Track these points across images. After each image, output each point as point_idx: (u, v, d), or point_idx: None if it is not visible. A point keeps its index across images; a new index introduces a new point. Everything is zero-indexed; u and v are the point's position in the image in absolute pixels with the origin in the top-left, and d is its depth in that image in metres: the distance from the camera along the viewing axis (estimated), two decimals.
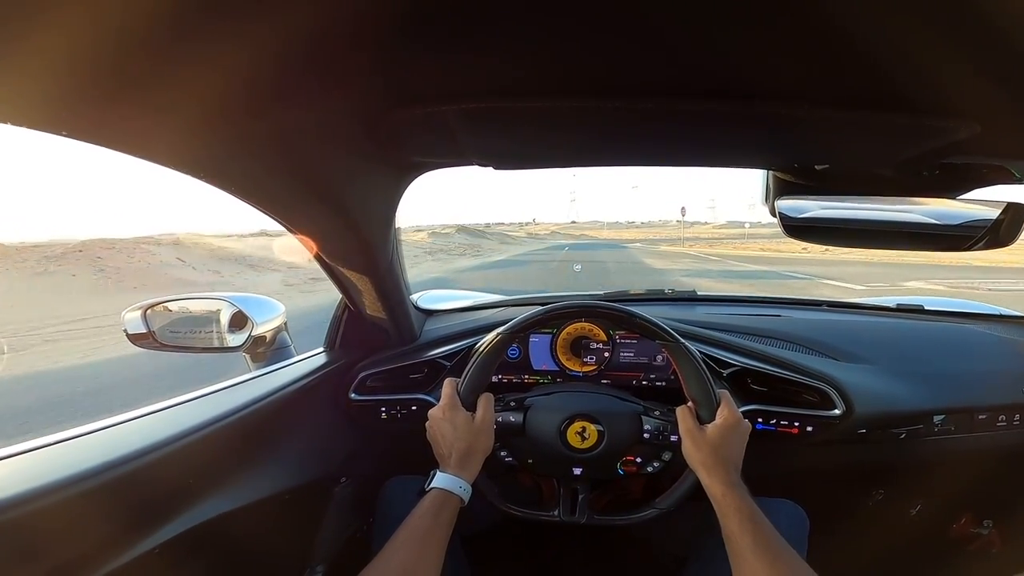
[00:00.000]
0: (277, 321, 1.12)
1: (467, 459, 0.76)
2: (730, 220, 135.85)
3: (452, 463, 0.75)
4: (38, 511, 0.49)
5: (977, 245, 0.74)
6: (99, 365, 5.27)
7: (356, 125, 0.51)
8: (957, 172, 0.69)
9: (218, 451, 0.74)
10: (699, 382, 0.78)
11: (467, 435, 0.76)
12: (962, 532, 1.28)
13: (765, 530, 0.66)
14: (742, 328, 1.16)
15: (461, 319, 1.23)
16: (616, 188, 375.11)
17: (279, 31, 0.35)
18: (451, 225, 48.11)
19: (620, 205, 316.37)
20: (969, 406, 1.03)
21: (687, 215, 72.72)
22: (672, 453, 0.84)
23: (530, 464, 0.88)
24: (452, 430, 0.76)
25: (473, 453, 0.77)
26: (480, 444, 0.78)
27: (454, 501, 0.72)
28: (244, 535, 0.81)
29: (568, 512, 0.85)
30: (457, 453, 0.75)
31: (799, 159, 0.68)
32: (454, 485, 0.72)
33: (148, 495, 0.63)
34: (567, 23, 0.34)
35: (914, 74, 0.42)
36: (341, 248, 0.75)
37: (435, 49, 0.38)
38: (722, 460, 0.73)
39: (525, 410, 0.88)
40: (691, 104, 0.46)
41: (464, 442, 0.76)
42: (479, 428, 0.78)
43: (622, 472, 0.86)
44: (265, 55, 0.37)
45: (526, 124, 0.51)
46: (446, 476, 0.73)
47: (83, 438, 0.63)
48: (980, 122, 0.48)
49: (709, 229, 78.96)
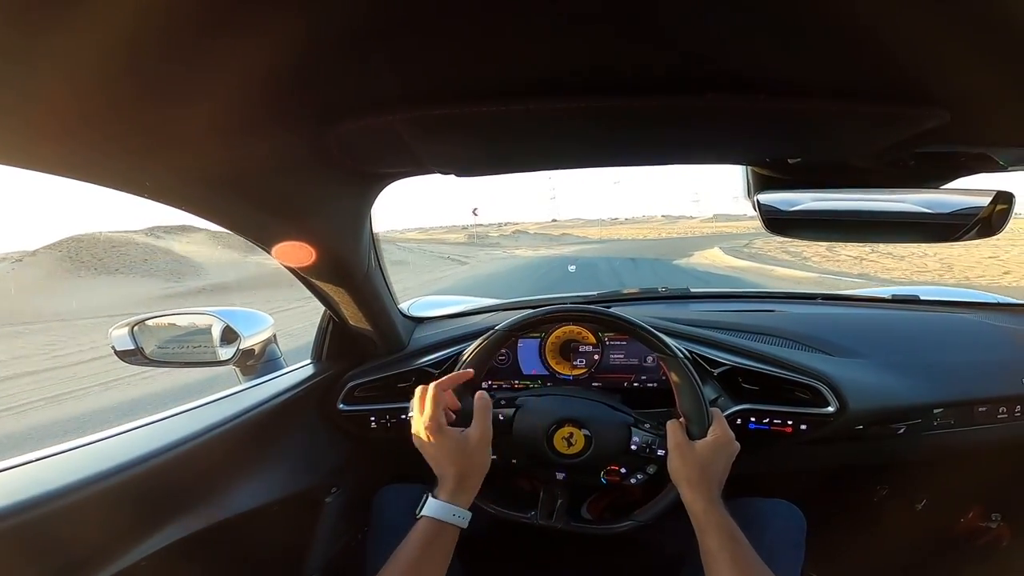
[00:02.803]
0: (266, 334, 1.12)
1: (462, 483, 0.68)
2: (717, 213, 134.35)
3: (446, 489, 0.67)
4: (25, 523, 0.50)
5: (968, 234, 0.72)
6: None
7: (308, 143, 0.50)
8: (936, 161, 0.67)
9: (207, 463, 0.75)
10: (694, 399, 0.78)
11: (459, 458, 0.69)
12: (970, 527, 1.26)
13: (744, 549, 0.65)
14: (734, 325, 1.14)
15: (450, 325, 1.23)
16: (596, 184, 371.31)
17: (225, 59, 0.34)
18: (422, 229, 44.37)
19: (602, 202, 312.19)
20: (969, 398, 1.00)
21: (672, 210, 71.91)
22: (657, 467, 0.82)
23: (513, 464, 0.87)
24: (444, 454, 0.69)
25: (468, 476, 0.69)
26: (476, 464, 0.71)
27: (449, 531, 0.66)
28: (235, 546, 0.82)
29: (545, 516, 0.84)
30: (451, 479, 0.68)
31: (769, 153, 0.67)
32: (447, 514, 0.65)
33: (138, 506, 0.63)
34: (516, 22, 0.34)
35: (878, 62, 0.41)
36: (314, 262, 0.75)
37: (379, 58, 0.38)
38: (707, 477, 0.72)
39: (516, 408, 0.87)
40: (650, 101, 0.45)
41: (456, 467, 0.68)
42: (474, 448, 0.69)
43: (605, 481, 0.85)
44: (214, 84, 0.37)
45: (482, 129, 0.50)
46: (439, 504, 0.66)
47: (66, 453, 0.63)
48: (949, 109, 0.47)
49: (696, 224, 77.56)
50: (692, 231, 47.61)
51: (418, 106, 0.44)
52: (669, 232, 48.07)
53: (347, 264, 0.79)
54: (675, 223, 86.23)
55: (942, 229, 0.72)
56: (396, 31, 0.34)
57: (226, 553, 0.80)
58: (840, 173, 0.74)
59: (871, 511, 1.29)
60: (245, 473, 0.82)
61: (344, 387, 1.04)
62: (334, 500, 1.03)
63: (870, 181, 0.73)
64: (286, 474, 0.91)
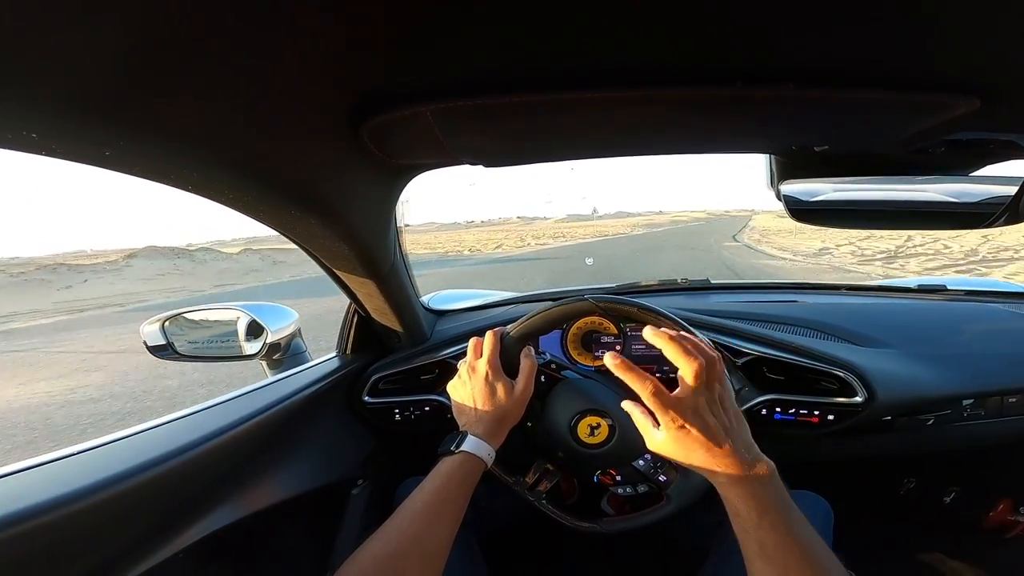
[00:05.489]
0: (291, 328, 1.14)
1: (499, 427, 0.72)
2: (569, 213, 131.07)
3: (482, 428, 0.70)
4: (60, 519, 0.51)
5: (997, 222, 0.71)
6: None
7: (339, 136, 0.51)
8: (965, 149, 0.66)
9: (235, 457, 0.76)
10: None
11: (505, 403, 0.72)
12: (999, 520, 1.24)
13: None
14: (757, 316, 1.13)
15: (471, 318, 1.24)
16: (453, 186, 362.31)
17: (259, 52, 0.35)
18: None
19: (459, 204, 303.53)
20: (999, 389, 0.99)
21: (528, 211, 70.64)
22: (649, 486, 0.82)
23: (528, 426, 0.86)
24: (490, 395, 0.72)
25: (505, 422, 0.73)
26: (513, 415, 0.74)
27: (479, 467, 0.68)
28: (264, 539, 0.83)
29: (527, 488, 0.84)
30: (491, 419, 0.71)
31: (795, 142, 0.67)
32: (483, 451, 0.68)
33: (168, 502, 0.64)
34: (545, 10, 0.34)
35: (906, 48, 0.40)
36: (341, 255, 0.76)
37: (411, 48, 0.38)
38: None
39: (558, 381, 0.87)
40: (676, 89, 0.45)
41: (501, 410, 0.72)
42: (517, 400, 0.74)
43: (596, 480, 0.86)
44: (247, 78, 0.38)
45: (513, 120, 0.50)
46: (476, 440, 0.68)
47: (101, 448, 0.64)
48: (979, 96, 0.46)
49: (551, 225, 74.37)
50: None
51: (450, 96, 0.44)
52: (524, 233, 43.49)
53: (374, 257, 0.80)
54: (530, 224, 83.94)
55: (970, 217, 0.71)
56: (429, 20, 0.35)
57: (255, 547, 0.81)
58: (864, 161, 0.73)
59: (898, 503, 1.28)
60: (274, 466, 0.84)
61: (369, 379, 1.05)
62: (360, 492, 1.05)
63: (896, 170, 0.73)
64: (314, 467, 0.93)
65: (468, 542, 0.91)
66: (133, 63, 0.33)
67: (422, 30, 0.35)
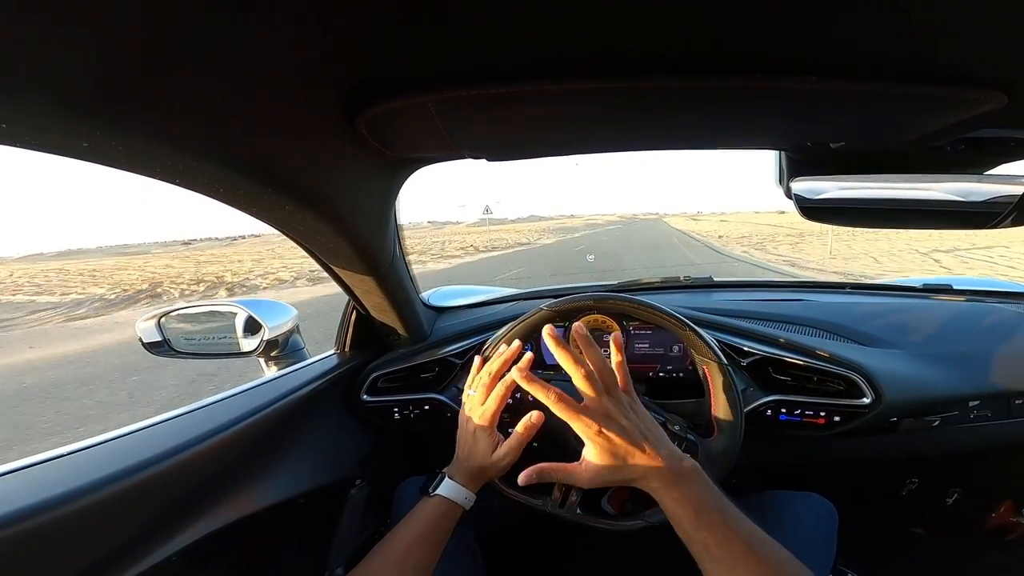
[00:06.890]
0: (289, 324, 1.12)
1: (479, 475, 0.73)
2: (482, 217, 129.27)
3: (462, 475, 0.72)
4: (57, 519, 0.50)
5: (1005, 222, 0.70)
6: None
7: (336, 126, 0.49)
8: (984, 147, 0.64)
9: (232, 457, 0.74)
10: (733, 409, 0.78)
11: (484, 462, 0.72)
12: (1001, 521, 1.23)
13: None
14: (762, 314, 1.12)
15: (472, 315, 1.22)
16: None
17: (252, 41, 0.33)
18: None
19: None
20: (1005, 390, 0.98)
21: (439, 215, 70.48)
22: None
23: (534, 447, 0.86)
24: (474, 444, 0.73)
25: (484, 474, 0.73)
26: (491, 473, 0.74)
27: (457, 511, 0.70)
28: (262, 539, 0.82)
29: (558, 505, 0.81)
30: (471, 468, 0.72)
31: (811, 137, 0.65)
32: (460, 496, 0.70)
33: (165, 502, 0.63)
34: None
35: (932, 41, 0.39)
36: (339, 252, 0.74)
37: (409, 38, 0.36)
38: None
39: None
40: (691, 82, 0.43)
41: (479, 463, 0.72)
42: (497, 465, 0.72)
43: None
44: (241, 68, 0.36)
45: (516, 111, 0.49)
46: (454, 485, 0.71)
47: (97, 447, 0.63)
48: (1007, 92, 0.45)
49: (463, 229, 71.61)
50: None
51: (452, 85, 0.42)
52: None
53: (373, 253, 0.78)
54: (441, 228, 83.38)
55: (979, 216, 0.70)
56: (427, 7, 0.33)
57: (253, 547, 0.80)
58: (878, 158, 0.71)
59: (900, 504, 1.27)
60: (271, 466, 0.82)
61: (368, 378, 1.03)
62: (358, 492, 1.04)
63: (909, 167, 0.71)
64: (312, 466, 0.91)
65: (468, 542, 0.90)
66: (116, 50, 0.31)
67: (423, 13, 0.34)
